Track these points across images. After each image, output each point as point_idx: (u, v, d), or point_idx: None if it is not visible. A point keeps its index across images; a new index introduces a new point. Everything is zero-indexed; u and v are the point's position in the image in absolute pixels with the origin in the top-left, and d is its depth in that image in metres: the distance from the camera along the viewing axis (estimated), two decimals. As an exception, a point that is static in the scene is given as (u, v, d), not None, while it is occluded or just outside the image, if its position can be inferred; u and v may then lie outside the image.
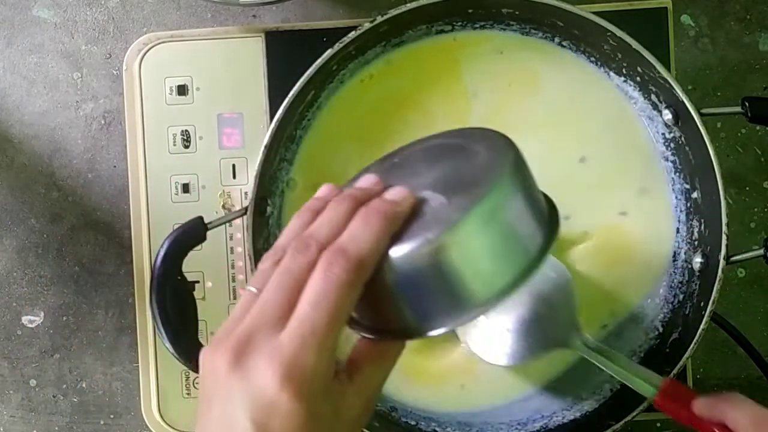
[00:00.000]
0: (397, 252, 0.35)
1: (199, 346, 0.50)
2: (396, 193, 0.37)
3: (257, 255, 0.52)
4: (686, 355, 0.51)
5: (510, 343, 0.52)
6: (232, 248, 0.60)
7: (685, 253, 0.55)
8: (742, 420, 0.42)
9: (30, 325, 0.65)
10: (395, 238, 0.36)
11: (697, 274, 0.54)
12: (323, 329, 0.34)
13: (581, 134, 0.57)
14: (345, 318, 0.35)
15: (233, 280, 0.60)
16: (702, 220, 0.54)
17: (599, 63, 0.56)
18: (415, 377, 0.57)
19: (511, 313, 0.53)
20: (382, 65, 0.57)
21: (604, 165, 0.56)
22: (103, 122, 0.64)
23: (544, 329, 0.52)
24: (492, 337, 0.53)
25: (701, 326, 0.51)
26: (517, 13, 0.54)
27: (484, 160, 0.38)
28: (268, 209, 0.55)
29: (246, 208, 0.52)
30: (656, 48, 0.52)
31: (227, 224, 0.57)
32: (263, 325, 0.34)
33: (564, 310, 0.52)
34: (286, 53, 0.59)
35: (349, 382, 0.36)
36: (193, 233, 0.50)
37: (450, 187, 0.37)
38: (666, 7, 0.59)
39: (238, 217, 0.53)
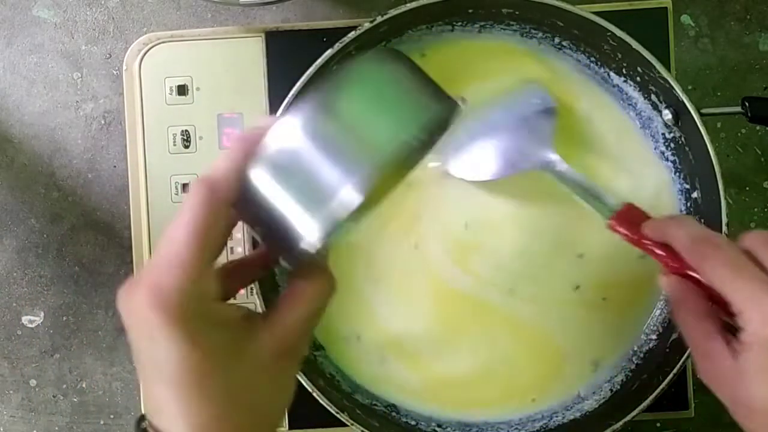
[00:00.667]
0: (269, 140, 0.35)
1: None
2: (262, 120, 0.38)
3: (257, 255, 0.52)
4: (686, 355, 0.51)
5: (488, 160, 0.54)
6: (232, 248, 0.60)
7: (685, 253, 0.55)
8: (682, 239, 0.41)
9: (30, 325, 0.65)
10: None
11: (697, 274, 0.54)
12: (183, 249, 0.34)
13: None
14: (210, 239, 0.35)
15: (233, 280, 0.60)
16: (702, 220, 0.54)
17: (599, 63, 0.56)
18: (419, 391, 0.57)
19: (491, 134, 0.54)
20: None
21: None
22: (103, 122, 0.64)
23: (522, 149, 0.53)
24: (471, 156, 0.54)
25: (701, 326, 0.51)
26: (517, 13, 0.54)
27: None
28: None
29: (246, 208, 0.52)
30: (656, 48, 0.52)
31: (227, 224, 0.57)
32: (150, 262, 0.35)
33: (542, 133, 0.53)
34: (286, 53, 0.59)
35: (262, 320, 0.36)
36: (193, 233, 0.50)
37: None
38: (666, 7, 0.59)
39: (238, 217, 0.53)
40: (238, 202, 0.36)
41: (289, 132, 0.34)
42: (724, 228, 0.51)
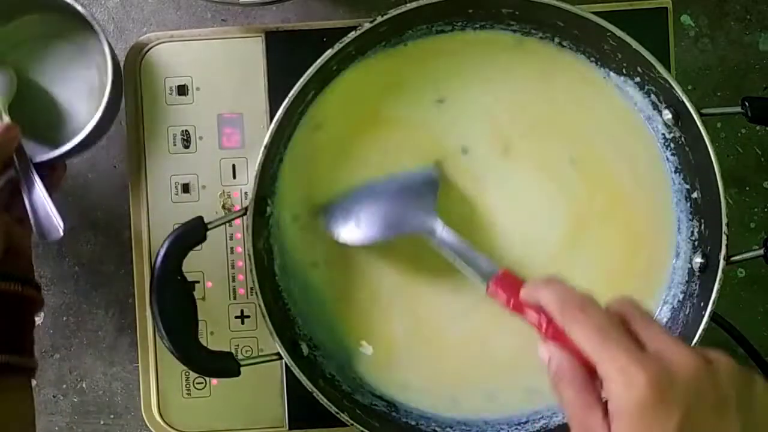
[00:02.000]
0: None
1: (199, 346, 0.50)
2: None
3: (257, 255, 0.52)
4: (686, 355, 0.51)
5: (371, 224, 0.54)
6: (232, 248, 0.60)
7: (685, 253, 0.55)
8: (553, 302, 0.40)
9: (30, 325, 0.65)
10: None
11: (697, 274, 0.54)
12: None
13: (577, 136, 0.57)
14: None
15: (233, 280, 0.60)
16: (702, 220, 0.54)
17: (599, 63, 0.56)
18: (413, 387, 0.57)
19: (376, 200, 0.55)
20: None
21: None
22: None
23: (405, 213, 0.54)
24: (357, 221, 0.55)
25: (701, 326, 0.51)
26: (517, 13, 0.54)
27: None
28: (268, 209, 0.55)
29: (246, 208, 0.52)
30: (656, 48, 0.52)
31: (227, 224, 0.57)
32: None
33: (425, 198, 0.54)
34: (286, 53, 0.59)
35: None
36: (193, 233, 0.50)
37: None
38: (666, 7, 0.59)
39: (238, 217, 0.53)
40: None
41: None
42: (724, 228, 0.51)
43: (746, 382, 0.37)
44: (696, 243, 0.55)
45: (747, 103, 0.51)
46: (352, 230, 0.54)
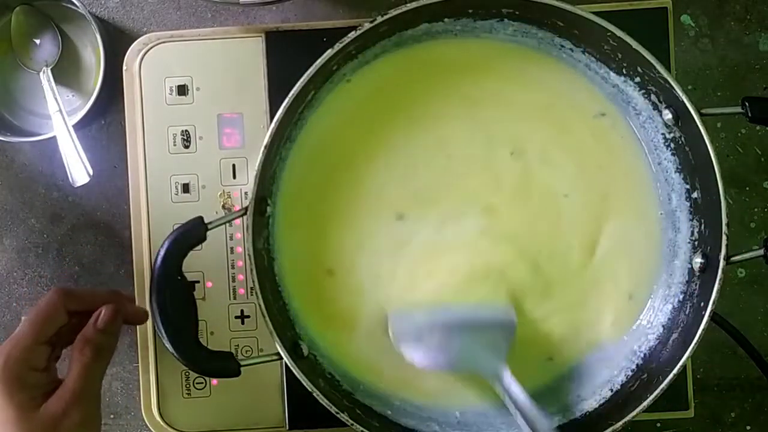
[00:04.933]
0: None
1: (199, 346, 0.50)
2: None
3: (257, 255, 0.52)
4: (686, 355, 0.51)
5: (442, 353, 0.54)
6: (232, 248, 0.60)
7: (685, 253, 0.55)
8: None
9: (30, 325, 0.65)
10: None
11: (697, 274, 0.54)
12: (25, 332, 0.51)
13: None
14: (44, 330, 0.51)
15: (233, 280, 0.60)
16: (702, 220, 0.54)
17: (599, 63, 0.56)
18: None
19: (452, 331, 0.55)
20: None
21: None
22: (103, 122, 0.64)
23: (476, 354, 0.54)
24: (427, 345, 0.54)
25: (701, 326, 0.51)
26: (517, 13, 0.54)
27: None
28: (268, 209, 0.55)
29: (246, 208, 0.52)
30: (656, 48, 0.52)
31: (227, 224, 0.57)
32: None
33: (498, 345, 0.54)
34: (286, 53, 0.59)
35: (61, 387, 0.51)
36: (193, 233, 0.50)
37: None
38: (666, 7, 0.59)
39: (238, 217, 0.53)
40: None
41: None
42: (724, 228, 0.51)
43: None
44: (696, 243, 0.55)
45: (747, 103, 0.51)
46: (421, 354, 0.54)
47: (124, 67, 0.61)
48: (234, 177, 0.60)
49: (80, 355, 0.51)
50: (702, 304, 0.52)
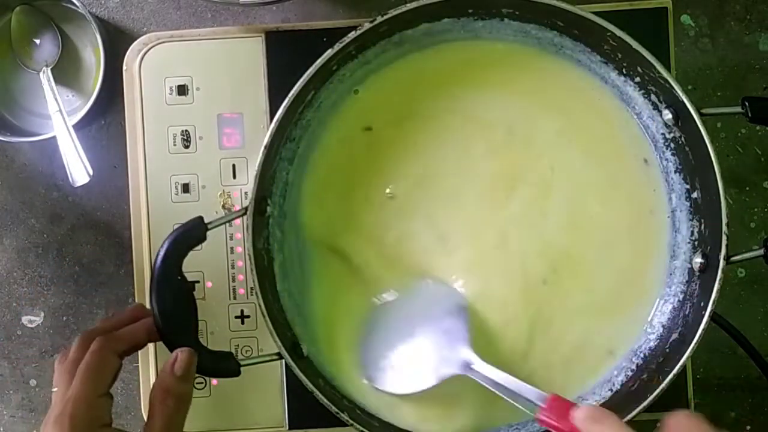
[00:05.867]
0: None
1: (199, 346, 0.50)
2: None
3: (257, 255, 0.52)
4: (686, 355, 0.51)
5: (411, 370, 0.53)
6: (232, 248, 0.60)
7: (685, 253, 0.55)
8: None
9: (30, 325, 0.65)
10: None
11: (697, 274, 0.54)
12: (80, 388, 0.47)
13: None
14: (101, 380, 0.48)
15: (233, 280, 0.60)
16: (702, 220, 0.54)
17: (599, 63, 0.56)
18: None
19: (408, 341, 0.54)
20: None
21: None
22: (103, 122, 0.64)
23: (440, 355, 0.53)
24: (393, 368, 0.54)
25: (701, 326, 0.51)
26: (517, 13, 0.54)
27: None
28: (268, 209, 0.55)
29: (246, 208, 0.52)
30: (656, 48, 0.52)
31: (227, 224, 0.57)
32: None
33: (457, 333, 0.53)
34: (286, 53, 0.59)
35: None
36: (193, 233, 0.50)
37: None
38: (666, 7, 0.59)
39: (238, 217, 0.53)
40: None
41: None
42: (724, 228, 0.51)
43: None
44: (696, 243, 0.55)
45: (747, 103, 0.51)
46: (392, 379, 0.54)
47: (124, 67, 0.61)
48: (234, 177, 0.60)
49: (162, 407, 0.47)
50: (702, 304, 0.52)
